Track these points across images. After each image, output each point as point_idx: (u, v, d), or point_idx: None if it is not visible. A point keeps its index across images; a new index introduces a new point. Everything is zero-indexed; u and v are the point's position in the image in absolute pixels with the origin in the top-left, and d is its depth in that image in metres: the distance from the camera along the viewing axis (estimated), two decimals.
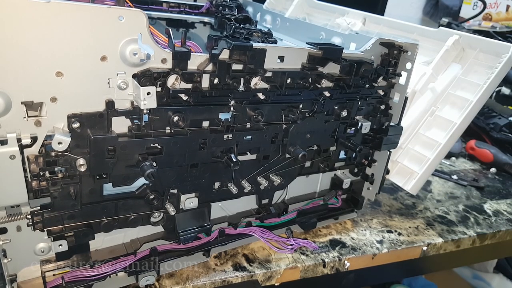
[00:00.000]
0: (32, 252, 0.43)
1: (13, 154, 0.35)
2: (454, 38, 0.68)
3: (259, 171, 0.52)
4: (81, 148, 0.38)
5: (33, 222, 0.39)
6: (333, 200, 0.65)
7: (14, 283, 0.42)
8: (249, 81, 0.45)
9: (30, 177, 0.37)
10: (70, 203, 0.40)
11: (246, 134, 0.48)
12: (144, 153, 0.41)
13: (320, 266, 0.57)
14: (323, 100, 0.52)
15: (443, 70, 0.70)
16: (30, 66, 0.34)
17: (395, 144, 0.62)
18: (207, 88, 0.43)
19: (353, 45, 0.60)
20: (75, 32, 0.34)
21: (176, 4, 0.75)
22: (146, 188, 0.44)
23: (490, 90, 0.64)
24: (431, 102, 0.69)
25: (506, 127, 1.02)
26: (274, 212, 0.59)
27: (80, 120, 0.37)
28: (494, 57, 0.64)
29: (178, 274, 0.51)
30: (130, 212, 0.44)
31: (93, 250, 0.47)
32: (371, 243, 0.62)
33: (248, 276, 0.53)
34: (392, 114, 0.60)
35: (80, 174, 0.39)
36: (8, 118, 0.34)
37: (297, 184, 0.60)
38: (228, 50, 0.42)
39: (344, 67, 0.51)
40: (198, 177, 0.47)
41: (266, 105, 0.47)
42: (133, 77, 0.38)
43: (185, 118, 0.42)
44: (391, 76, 0.57)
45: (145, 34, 0.37)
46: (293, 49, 0.48)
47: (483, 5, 1.44)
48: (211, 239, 0.53)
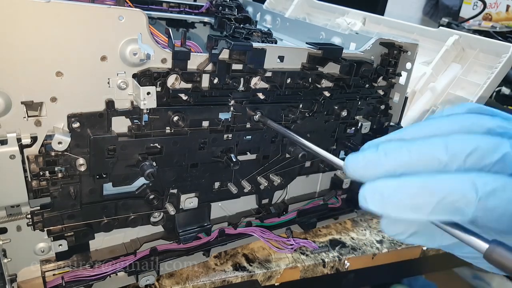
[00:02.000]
0: (32, 252, 0.43)
1: (13, 154, 0.35)
2: (454, 38, 0.68)
3: (259, 171, 0.52)
4: (81, 148, 0.38)
5: (33, 222, 0.39)
6: (333, 200, 0.65)
7: (14, 283, 0.42)
8: (249, 81, 0.45)
9: (30, 177, 0.37)
10: (70, 203, 0.40)
11: (246, 134, 0.48)
12: (144, 153, 0.41)
13: (320, 266, 0.57)
14: (323, 100, 0.52)
15: (443, 70, 0.70)
16: (30, 66, 0.34)
17: None
18: (207, 88, 0.43)
19: (353, 45, 0.60)
20: (75, 32, 0.34)
21: (176, 4, 0.75)
22: (146, 188, 0.44)
23: (490, 90, 0.64)
24: (431, 102, 0.69)
25: None
26: (274, 212, 0.59)
27: (80, 120, 0.37)
28: (494, 57, 0.64)
29: (178, 274, 0.51)
30: (130, 212, 0.44)
31: (93, 250, 0.47)
32: (371, 243, 0.62)
33: (248, 276, 0.53)
34: (392, 114, 0.60)
35: (80, 174, 0.39)
36: (8, 118, 0.34)
37: (297, 184, 0.60)
38: (228, 50, 0.42)
39: (344, 67, 0.51)
40: (198, 177, 0.47)
41: (266, 105, 0.47)
42: (133, 77, 0.38)
43: (185, 118, 0.42)
44: (391, 76, 0.57)
45: (145, 34, 0.37)
46: (293, 49, 0.48)
47: (483, 5, 1.44)
48: (211, 239, 0.53)
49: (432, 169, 0.24)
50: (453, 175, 0.24)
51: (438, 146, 0.25)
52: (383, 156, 0.26)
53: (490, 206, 0.22)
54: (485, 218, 0.23)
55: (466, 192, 0.23)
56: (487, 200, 0.22)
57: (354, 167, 0.27)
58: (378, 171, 0.25)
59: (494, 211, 0.22)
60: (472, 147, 0.24)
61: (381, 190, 0.24)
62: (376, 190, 0.25)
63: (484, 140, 0.24)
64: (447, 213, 0.23)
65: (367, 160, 0.26)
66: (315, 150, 0.36)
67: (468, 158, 0.24)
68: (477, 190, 0.22)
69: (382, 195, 0.24)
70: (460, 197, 0.23)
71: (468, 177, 0.23)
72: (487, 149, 0.24)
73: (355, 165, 0.27)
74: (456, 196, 0.23)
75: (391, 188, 0.24)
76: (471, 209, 0.22)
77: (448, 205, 0.23)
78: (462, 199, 0.23)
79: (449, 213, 0.23)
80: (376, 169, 0.26)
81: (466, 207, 0.23)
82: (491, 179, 0.23)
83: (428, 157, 0.25)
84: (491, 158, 0.24)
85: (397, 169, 0.25)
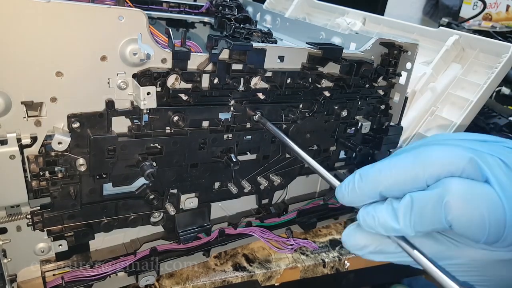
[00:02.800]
0: (32, 252, 0.43)
1: (13, 154, 0.35)
2: (454, 38, 0.68)
3: (259, 171, 0.52)
4: (81, 148, 0.38)
5: (33, 222, 0.39)
6: (333, 200, 0.65)
7: (14, 283, 0.42)
8: (249, 81, 0.45)
9: (30, 177, 0.37)
10: (70, 203, 0.40)
11: (246, 134, 0.48)
12: (144, 153, 0.41)
13: (320, 266, 0.57)
14: (323, 100, 0.52)
15: (443, 70, 0.70)
16: (30, 66, 0.34)
17: (395, 144, 0.62)
18: (207, 88, 0.42)
19: (353, 45, 0.60)
20: (75, 32, 0.34)
21: (176, 4, 0.75)
22: (146, 188, 0.44)
23: (490, 90, 0.64)
24: (431, 102, 0.69)
25: (506, 127, 1.02)
26: (274, 212, 0.59)
27: (80, 120, 0.37)
28: (494, 57, 0.64)
29: (178, 274, 0.51)
30: (130, 212, 0.44)
31: (93, 250, 0.47)
32: None
33: (248, 276, 0.53)
34: (392, 114, 0.60)
35: (80, 174, 0.39)
36: (8, 118, 0.34)
37: (297, 184, 0.60)
38: (228, 50, 0.42)
39: (344, 67, 0.51)
40: (198, 177, 0.47)
41: (266, 105, 0.47)
42: (133, 77, 0.38)
43: (185, 118, 0.42)
44: (391, 76, 0.57)
45: (145, 34, 0.37)
46: (293, 49, 0.48)
47: (483, 5, 1.44)
48: (211, 239, 0.53)
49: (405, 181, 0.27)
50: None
51: (406, 159, 0.27)
52: (359, 179, 0.29)
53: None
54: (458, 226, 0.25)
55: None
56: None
57: (339, 196, 0.30)
58: (360, 194, 0.29)
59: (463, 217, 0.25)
60: (436, 158, 0.26)
61: (372, 215, 0.28)
62: (366, 216, 0.28)
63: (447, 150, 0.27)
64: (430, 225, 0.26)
65: (347, 186, 0.30)
66: (313, 166, 0.37)
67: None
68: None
69: (374, 218, 0.28)
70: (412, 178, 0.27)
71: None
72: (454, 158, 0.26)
73: (340, 193, 0.30)
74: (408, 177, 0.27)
75: (380, 214, 0.28)
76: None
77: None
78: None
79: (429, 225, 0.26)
80: (356, 193, 0.29)
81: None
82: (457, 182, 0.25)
83: (398, 171, 0.27)
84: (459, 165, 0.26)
85: (376, 189, 0.28)
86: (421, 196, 0.26)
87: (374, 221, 0.28)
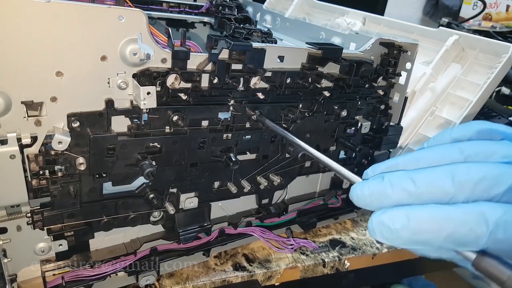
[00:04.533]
0: (32, 252, 0.43)
1: (13, 154, 0.35)
2: (454, 38, 0.68)
3: (259, 170, 0.52)
4: (80, 147, 0.38)
5: (33, 221, 0.39)
6: (333, 200, 0.65)
7: (14, 283, 0.42)
8: (248, 80, 0.45)
9: (30, 176, 0.37)
10: (70, 201, 0.40)
11: (245, 133, 0.48)
12: (143, 152, 0.41)
13: (320, 266, 0.57)
14: (322, 100, 0.52)
15: (443, 70, 0.70)
16: (30, 66, 0.34)
17: (394, 144, 0.62)
18: (207, 88, 0.43)
19: (353, 45, 0.60)
20: (75, 32, 0.34)
21: (176, 4, 0.75)
22: (145, 187, 0.44)
23: (490, 90, 0.64)
24: (431, 102, 0.69)
25: None
26: (274, 212, 0.59)
27: (79, 119, 0.37)
28: (494, 57, 0.64)
29: (178, 274, 0.51)
30: (130, 211, 0.44)
31: (93, 250, 0.47)
32: (371, 243, 0.62)
33: (248, 276, 0.53)
34: (391, 114, 0.60)
35: (80, 173, 0.39)
36: (8, 118, 0.35)
37: (297, 184, 0.60)
38: (228, 50, 0.42)
39: (343, 67, 0.51)
40: (197, 177, 0.47)
41: (266, 105, 0.47)
42: (133, 76, 0.38)
43: (184, 117, 0.42)
44: (391, 76, 0.57)
45: (145, 34, 0.37)
46: (292, 49, 0.48)
47: (483, 5, 1.44)
48: (211, 239, 0.53)
49: (439, 200, 0.24)
50: (461, 208, 0.23)
51: (444, 177, 0.24)
52: (389, 187, 0.26)
53: (501, 238, 0.22)
54: (497, 248, 0.23)
55: (476, 226, 0.22)
56: (497, 233, 0.22)
57: (360, 197, 0.27)
58: (385, 202, 0.26)
59: (506, 242, 0.22)
60: (478, 177, 0.24)
61: (389, 224, 0.25)
62: (384, 224, 0.25)
63: (490, 169, 0.24)
64: (456, 245, 0.23)
65: (373, 191, 0.27)
66: (319, 157, 0.37)
67: (476, 188, 0.24)
68: (487, 223, 0.22)
69: (390, 230, 0.25)
70: (468, 231, 0.23)
71: (477, 210, 0.23)
72: (495, 178, 0.23)
73: (361, 195, 0.27)
74: (465, 230, 0.23)
75: (399, 224, 0.24)
76: (482, 241, 0.22)
77: (457, 239, 0.23)
78: (471, 233, 0.23)
79: (458, 245, 0.23)
80: (382, 200, 0.26)
81: (477, 240, 0.23)
82: (501, 211, 0.22)
83: (434, 188, 0.24)
84: (500, 188, 0.23)
85: (403, 200, 0.25)
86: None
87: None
